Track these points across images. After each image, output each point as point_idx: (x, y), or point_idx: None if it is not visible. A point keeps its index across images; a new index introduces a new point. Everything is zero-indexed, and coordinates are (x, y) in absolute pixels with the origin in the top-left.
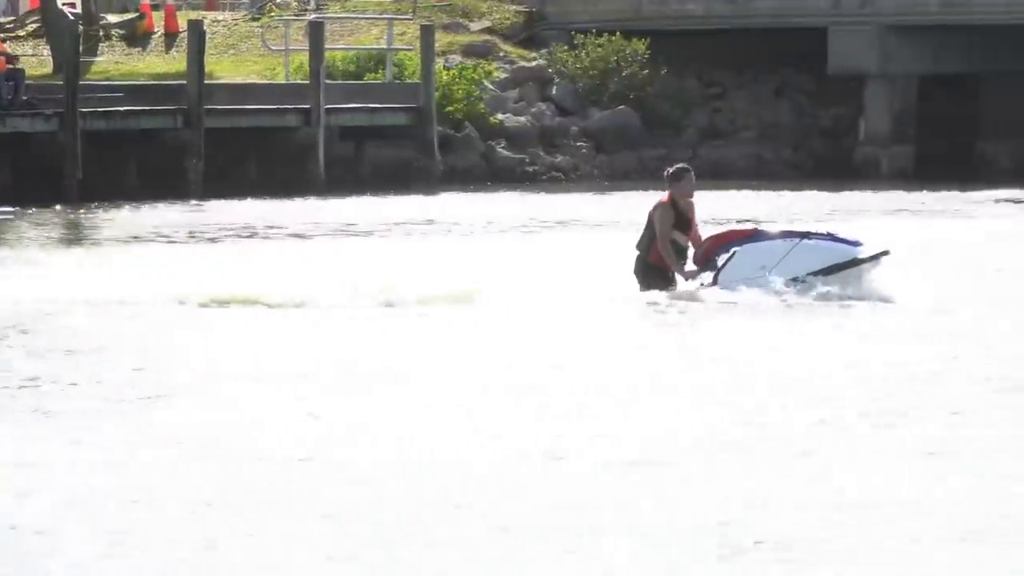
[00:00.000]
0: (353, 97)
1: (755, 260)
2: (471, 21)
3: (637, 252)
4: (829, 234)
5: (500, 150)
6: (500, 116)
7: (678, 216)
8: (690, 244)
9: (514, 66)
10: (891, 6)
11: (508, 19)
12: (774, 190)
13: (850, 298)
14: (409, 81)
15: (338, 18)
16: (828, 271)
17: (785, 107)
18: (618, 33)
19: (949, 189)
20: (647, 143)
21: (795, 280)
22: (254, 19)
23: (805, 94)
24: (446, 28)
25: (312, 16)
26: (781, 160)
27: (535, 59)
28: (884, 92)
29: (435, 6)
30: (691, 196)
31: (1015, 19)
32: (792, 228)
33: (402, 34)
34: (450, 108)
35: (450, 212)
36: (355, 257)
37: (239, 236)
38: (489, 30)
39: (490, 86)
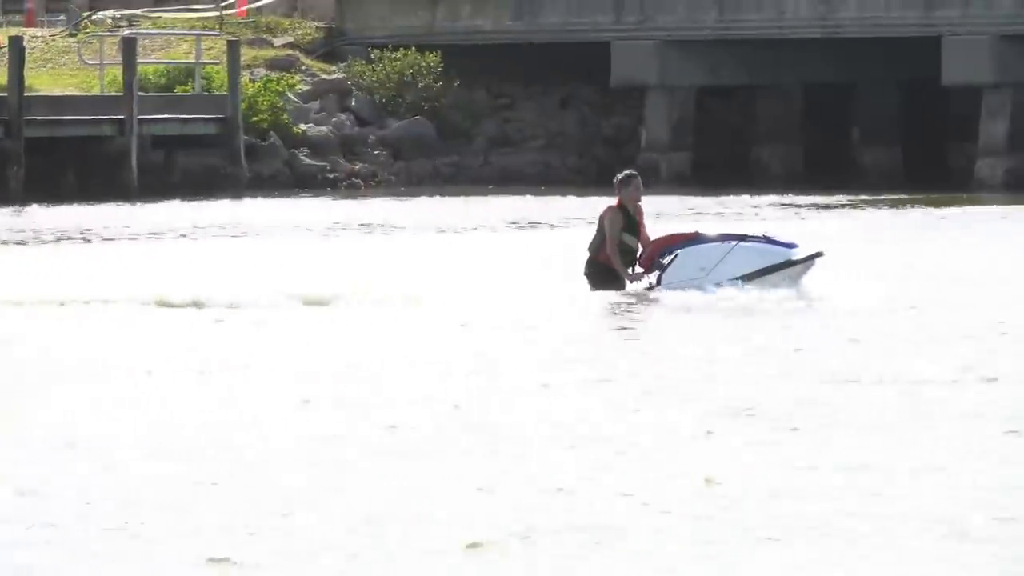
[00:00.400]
0: (164, 108)
1: (696, 262)
2: (274, 37)
3: (588, 254)
4: (765, 237)
5: (303, 158)
6: (303, 126)
7: (627, 220)
8: (640, 245)
9: (315, 79)
10: (670, 22)
11: (309, 35)
12: (561, 195)
13: (784, 297)
14: (217, 93)
15: (150, 34)
16: (764, 272)
17: (570, 117)
18: (412, 48)
19: (727, 193)
20: (440, 151)
21: (733, 280)
22: (71, 35)
23: (589, 105)
24: (251, 43)
25: (125, 32)
26: (567, 167)
27: (335, 72)
28: (663, 102)
29: (240, 23)
30: (639, 200)
31: (786, 34)
32: (730, 232)
33: (210, 49)
34: (256, 118)
35: (256, 216)
36: (166, 259)
37: (54, 240)
38: (292, 45)
39: (293, 98)
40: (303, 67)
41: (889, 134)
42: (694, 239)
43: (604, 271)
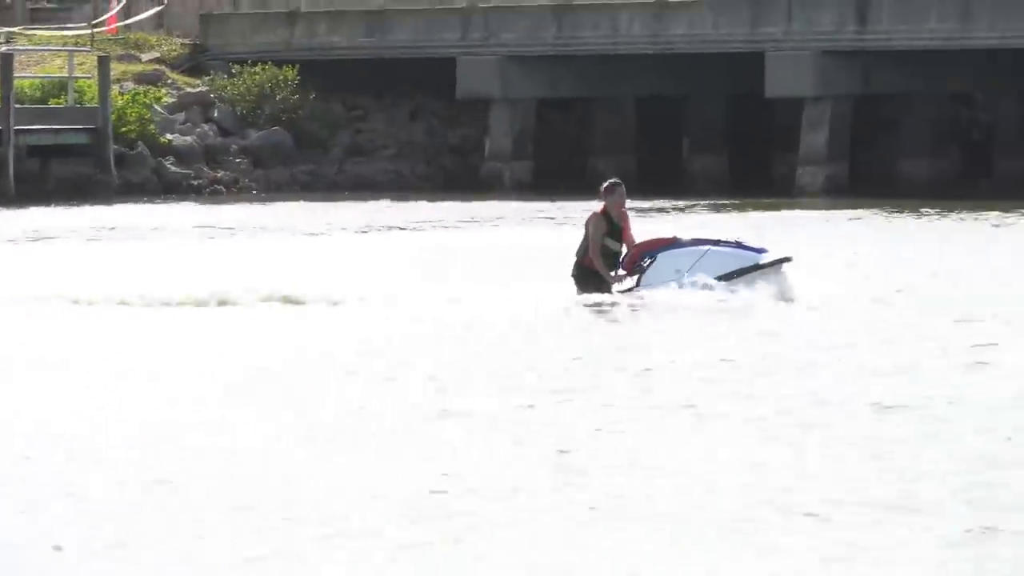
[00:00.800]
0: (39, 119)
1: (673, 265)
2: (142, 53)
3: (575, 258)
4: (737, 242)
5: (169, 166)
6: (169, 136)
7: (610, 225)
8: (625, 249)
9: (180, 92)
10: (511, 38)
11: (175, 51)
12: (411, 200)
13: (753, 297)
14: (88, 105)
15: (26, 50)
16: (735, 274)
17: (419, 128)
18: (271, 63)
19: (566, 199)
20: (298, 159)
21: (707, 281)
22: None
23: (437, 116)
24: (120, 59)
25: (2, 49)
26: (416, 174)
27: (199, 86)
28: (506, 114)
29: (111, 39)
30: (623, 207)
31: (620, 50)
32: (705, 237)
33: (82, 64)
34: (125, 129)
35: (126, 220)
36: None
37: None
38: (158, 60)
39: (160, 109)
40: (169, 81)
41: (717, 144)
42: (672, 244)
43: (589, 274)
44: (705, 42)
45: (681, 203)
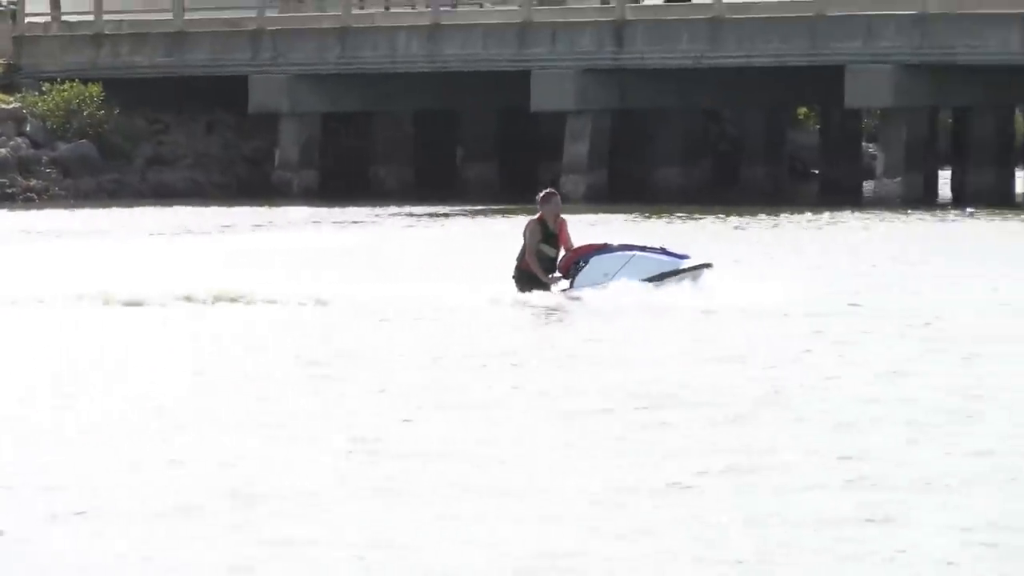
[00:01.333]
0: None
1: (602, 268)
2: None
3: (515, 262)
4: (661, 248)
5: None
6: None
7: (545, 232)
8: (563, 252)
9: None
10: (299, 58)
11: None
12: (207, 207)
13: (674, 299)
14: None
15: None
16: (658, 278)
17: (215, 140)
18: (78, 80)
19: (351, 206)
20: (104, 169)
21: (632, 283)
22: None
23: (231, 129)
24: None
25: None
26: (212, 183)
27: (12, 102)
28: (294, 127)
29: None
30: (558, 215)
31: (398, 68)
32: (631, 243)
33: None
34: None
35: None
36: None
37: None
38: None
39: None
40: None
41: (488, 154)
42: (602, 249)
43: (527, 276)
44: (476, 61)
45: (456, 208)
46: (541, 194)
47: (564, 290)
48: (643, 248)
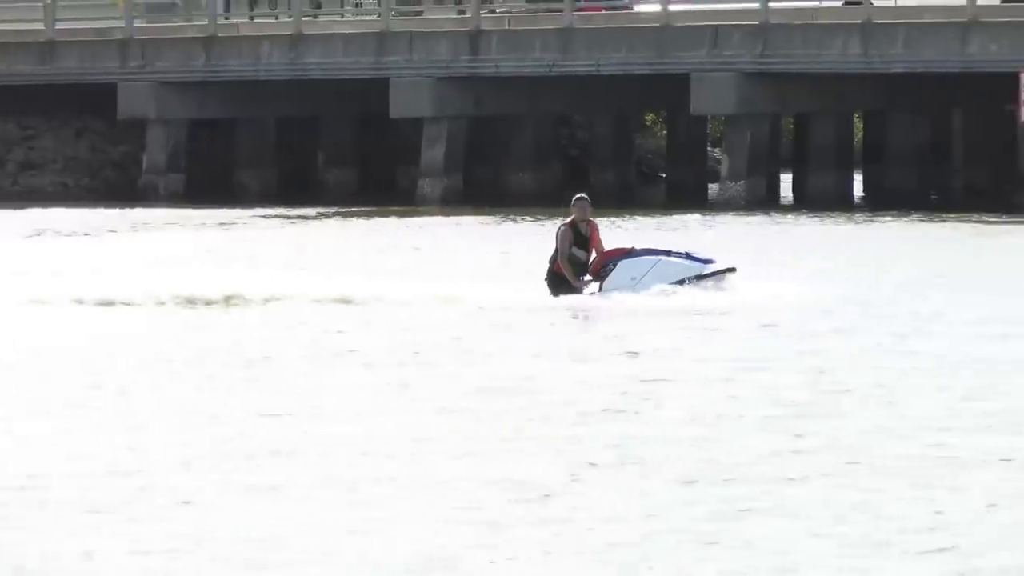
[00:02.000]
0: None
1: (629, 272)
2: None
3: (548, 264)
4: (686, 253)
5: None
6: None
7: (576, 236)
8: (594, 255)
9: None
10: (165, 66)
11: None
12: (75, 208)
13: (700, 303)
14: None
15: None
16: (684, 282)
17: (84, 145)
18: None
19: (216, 208)
20: None
21: (658, 287)
22: None
23: (99, 135)
24: None
25: None
26: (81, 186)
27: None
28: (161, 133)
29: None
30: (587, 218)
31: (261, 76)
32: (658, 248)
33: None
34: None
35: None
36: None
37: None
38: None
39: None
40: None
41: (348, 159)
42: (629, 253)
43: (559, 279)
44: (337, 69)
45: (317, 211)
46: (574, 199)
47: (593, 293)
48: (668, 253)
